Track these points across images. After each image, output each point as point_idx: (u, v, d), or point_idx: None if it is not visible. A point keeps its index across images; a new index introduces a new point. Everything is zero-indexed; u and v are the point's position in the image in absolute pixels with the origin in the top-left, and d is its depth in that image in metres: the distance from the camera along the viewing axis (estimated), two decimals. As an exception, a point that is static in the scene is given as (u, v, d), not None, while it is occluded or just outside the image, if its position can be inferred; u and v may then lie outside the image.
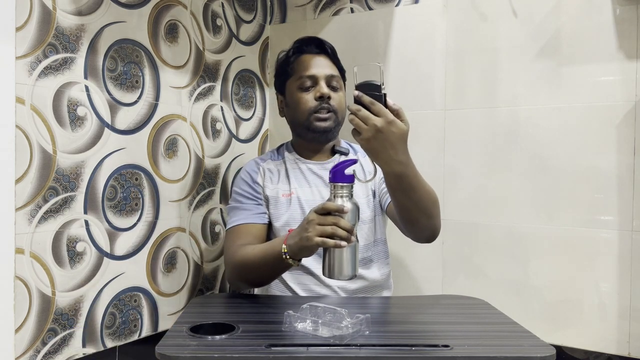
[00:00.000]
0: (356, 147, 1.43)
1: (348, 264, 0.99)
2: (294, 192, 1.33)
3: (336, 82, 1.34)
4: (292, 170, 1.37)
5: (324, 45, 1.37)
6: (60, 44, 1.18)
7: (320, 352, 0.86)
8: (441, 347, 0.89)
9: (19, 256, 1.11)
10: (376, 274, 1.32)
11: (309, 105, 1.31)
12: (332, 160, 1.38)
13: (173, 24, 1.46)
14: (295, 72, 1.35)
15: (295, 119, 1.36)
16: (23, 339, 1.13)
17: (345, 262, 0.99)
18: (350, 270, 1.00)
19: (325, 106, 1.31)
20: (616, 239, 1.34)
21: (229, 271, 1.29)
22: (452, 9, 1.54)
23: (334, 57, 1.38)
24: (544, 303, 1.42)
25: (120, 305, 1.33)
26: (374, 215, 1.33)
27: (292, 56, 1.37)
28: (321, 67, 1.34)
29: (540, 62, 1.42)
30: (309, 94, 1.32)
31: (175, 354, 0.85)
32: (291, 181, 1.35)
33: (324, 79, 1.32)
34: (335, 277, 1.00)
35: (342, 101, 1.35)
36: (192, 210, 1.53)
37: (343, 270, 0.99)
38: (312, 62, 1.34)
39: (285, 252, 1.09)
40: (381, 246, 1.35)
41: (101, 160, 1.27)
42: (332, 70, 1.35)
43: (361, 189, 1.34)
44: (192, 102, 1.52)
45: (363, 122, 0.95)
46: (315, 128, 1.32)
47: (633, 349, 1.32)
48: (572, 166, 1.38)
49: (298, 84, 1.34)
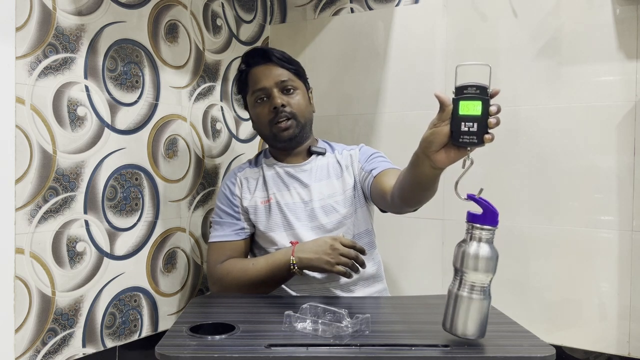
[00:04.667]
0: (334, 145, 1.43)
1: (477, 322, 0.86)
2: (272, 198, 1.34)
3: (289, 85, 1.34)
4: (270, 175, 1.37)
5: (268, 53, 1.36)
6: (60, 44, 1.18)
7: (320, 352, 0.86)
8: (441, 347, 0.89)
9: (19, 256, 1.11)
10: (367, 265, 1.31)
11: (267, 118, 1.33)
12: (309, 162, 1.38)
13: (173, 24, 1.46)
14: (249, 87, 1.37)
15: (261, 132, 1.39)
16: (23, 339, 1.13)
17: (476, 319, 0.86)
18: (478, 330, 0.87)
19: (283, 115, 1.32)
20: (616, 239, 1.34)
21: (212, 285, 1.34)
22: (452, 9, 1.54)
23: (283, 60, 1.36)
24: (544, 303, 1.42)
25: (120, 305, 1.33)
26: (355, 209, 1.34)
27: (244, 72, 1.39)
28: (269, 77, 1.33)
29: (540, 62, 1.42)
30: (265, 107, 1.34)
31: (175, 354, 0.85)
32: (269, 187, 1.36)
33: (275, 87, 1.33)
34: (459, 333, 0.87)
35: (301, 101, 1.35)
36: (192, 210, 1.53)
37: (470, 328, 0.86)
38: (261, 74, 1.34)
39: (295, 264, 1.21)
40: (366, 238, 1.35)
41: (101, 160, 1.27)
42: (282, 75, 1.34)
43: (338, 186, 1.34)
44: (192, 102, 1.52)
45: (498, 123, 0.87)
46: (280, 138, 1.34)
47: (633, 349, 1.32)
48: (572, 166, 1.38)
49: (254, 98, 1.36)
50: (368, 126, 1.66)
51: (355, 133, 1.69)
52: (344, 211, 1.32)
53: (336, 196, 1.33)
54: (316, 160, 1.38)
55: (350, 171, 1.36)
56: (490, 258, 0.86)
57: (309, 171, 1.36)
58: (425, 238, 1.58)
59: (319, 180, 1.35)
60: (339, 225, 1.31)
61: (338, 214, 1.31)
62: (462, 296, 0.87)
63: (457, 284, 0.88)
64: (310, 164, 1.37)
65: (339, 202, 1.32)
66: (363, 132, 1.67)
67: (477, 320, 0.87)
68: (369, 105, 1.66)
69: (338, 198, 1.33)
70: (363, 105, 1.67)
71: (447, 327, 0.89)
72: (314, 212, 1.31)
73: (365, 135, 1.66)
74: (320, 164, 1.37)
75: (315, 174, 1.36)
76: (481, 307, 0.86)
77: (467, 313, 0.86)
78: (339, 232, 1.30)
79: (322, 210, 1.31)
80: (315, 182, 1.34)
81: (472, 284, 0.87)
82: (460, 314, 0.87)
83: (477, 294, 0.87)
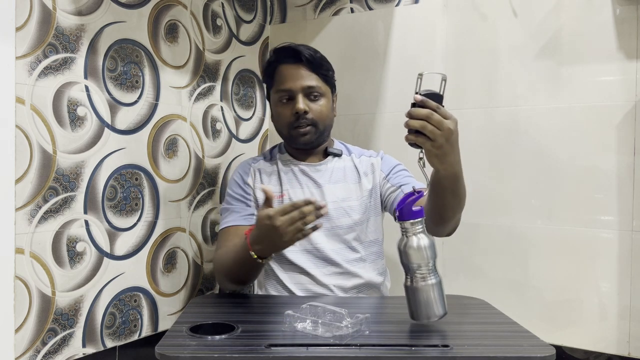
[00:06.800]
0: (350, 148, 1.42)
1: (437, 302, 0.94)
2: (286, 194, 1.33)
3: (316, 91, 1.31)
4: (284, 171, 1.37)
5: (300, 54, 1.31)
6: (60, 44, 1.18)
7: (320, 352, 0.86)
8: (441, 347, 0.89)
9: (19, 256, 1.11)
10: (371, 273, 1.32)
11: (287, 120, 1.32)
12: (325, 162, 1.37)
13: (173, 24, 1.46)
14: (275, 84, 1.35)
15: (278, 130, 1.38)
16: (23, 339, 1.13)
17: (434, 300, 0.93)
18: (440, 308, 0.94)
19: (303, 121, 1.30)
20: (616, 239, 1.34)
21: (215, 272, 1.33)
22: (452, 9, 1.54)
23: (313, 63, 1.32)
24: (544, 303, 1.42)
25: (120, 305, 1.33)
26: (368, 217, 1.33)
27: (271, 66, 1.36)
28: (297, 79, 1.30)
29: (540, 62, 1.42)
30: (287, 108, 1.32)
31: (175, 354, 0.85)
32: (283, 182, 1.35)
33: (301, 91, 1.30)
34: (423, 318, 0.94)
35: (324, 109, 1.33)
36: (192, 210, 1.53)
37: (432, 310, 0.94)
38: (288, 75, 1.32)
39: (256, 258, 1.12)
40: (375, 247, 1.35)
41: (101, 160, 1.27)
42: (309, 80, 1.31)
43: (354, 191, 1.34)
44: (192, 102, 1.52)
45: (437, 127, 0.91)
46: (297, 142, 1.33)
47: (633, 349, 1.32)
48: (572, 166, 1.38)
49: (277, 97, 1.34)
50: (368, 126, 1.66)
51: (355, 133, 1.68)
52: (357, 217, 1.31)
53: (350, 201, 1.32)
54: (332, 162, 1.37)
55: (370, 179, 1.35)
56: (430, 245, 0.94)
57: (323, 172, 1.35)
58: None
59: (334, 182, 1.34)
60: (349, 230, 1.30)
61: (350, 218, 1.30)
62: (418, 287, 0.94)
63: (410, 278, 0.95)
64: (326, 164, 1.36)
65: (352, 207, 1.31)
66: (363, 132, 1.67)
67: (438, 301, 0.94)
68: (369, 105, 1.66)
69: (352, 203, 1.32)
70: (363, 105, 1.67)
71: (415, 317, 0.96)
72: None
73: (365, 135, 1.66)
74: (337, 167, 1.36)
75: (330, 175, 1.35)
76: (439, 288, 0.94)
77: (428, 299, 0.94)
78: (349, 237, 1.30)
79: (334, 212, 1.30)
80: (329, 184, 1.33)
81: (422, 273, 0.94)
82: (421, 303, 0.94)
83: (431, 279, 0.94)
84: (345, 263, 1.29)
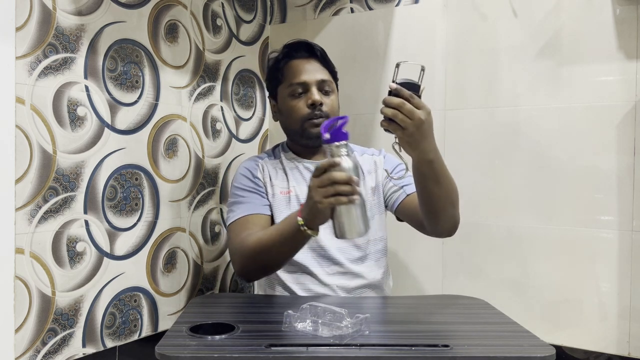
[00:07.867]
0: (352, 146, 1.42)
1: (359, 220, 0.98)
2: (292, 190, 1.33)
3: (328, 86, 1.33)
4: (290, 168, 1.37)
5: (314, 49, 1.35)
6: (60, 44, 1.18)
7: (320, 352, 0.86)
8: (441, 347, 0.89)
9: (19, 256, 1.11)
10: (375, 272, 1.32)
11: (302, 113, 1.31)
12: None
13: (173, 24, 1.46)
14: (286, 79, 1.34)
15: (289, 125, 1.36)
16: (23, 339, 1.13)
17: (355, 219, 0.97)
18: (362, 226, 0.98)
19: (318, 113, 1.30)
20: (616, 239, 1.34)
21: (239, 262, 1.24)
22: (452, 9, 1.54)
23: (324, 60, 1.36)
24: (544, 303, 1.42)
25: (120, 305, 1.33)
26: (373, 215, 1.33)
27: (282, 61, 1.36)
28: (311, 72, 1.32)
29: (540, 62, 1.42)
30: (301, 101, 1.31)
31: (175, 354, 0.85)
32: (289, 179, 1.35)
33: (315, 84, 1.31)
34: (347, 236, 0.98)
35: (335, 104, 1.34)
36: (192, 210, 1.53)
37: (354, 228, 0.98)
38: (302, 68, 1.33)
39: (302, 224, 1.08)
40: (379, 245, 1.35)
41: (101, 160, 1.27)
42: (322, 74, 1.33)
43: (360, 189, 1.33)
44: (192, 102, 1.52)
45: (408, 116, 0.95)
46: (310, 134, 1.32)
47: (633, 349, 1.32)
48: (572, 166, 1.38)
49: (289, 91, 1.33)
50: (368, 126, 1.66)
51: (355, 133, 1.68)
52: None
53: None
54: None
55: (374, 177, 1.36)
56: (352, 167, 0.97)
57: None
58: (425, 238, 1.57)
59: None
60: None
61: None
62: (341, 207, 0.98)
63: None
64: None
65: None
66: (363, 132, 1.67)
67: (360, 218, 0.98)
68: (369, 105, 1.66)
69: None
70: (363, 105, 1.67)
71: (337, 234, 1.00)
72: None
73: (365, 135, 1.66)
74: None
75: None
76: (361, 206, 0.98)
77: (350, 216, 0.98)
78: None
79: None
80: None
81: None
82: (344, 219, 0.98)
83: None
84: (349, 262, 1.29)
